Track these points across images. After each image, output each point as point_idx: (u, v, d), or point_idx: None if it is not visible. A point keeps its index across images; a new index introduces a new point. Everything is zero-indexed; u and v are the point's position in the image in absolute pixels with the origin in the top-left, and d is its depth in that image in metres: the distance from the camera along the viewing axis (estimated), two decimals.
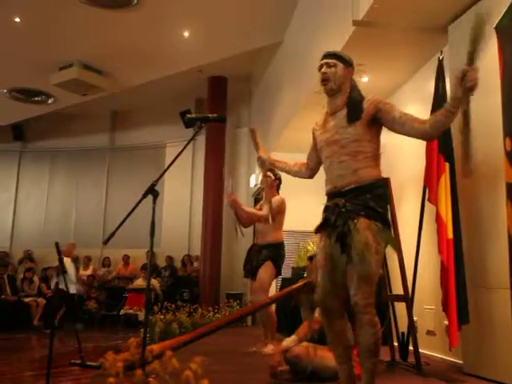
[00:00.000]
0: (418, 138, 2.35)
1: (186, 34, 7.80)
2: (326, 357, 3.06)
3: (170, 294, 8.91)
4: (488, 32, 3.52)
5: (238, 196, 10.20)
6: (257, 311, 4.69)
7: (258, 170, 7.79)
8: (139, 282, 9.15)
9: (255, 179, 9.35)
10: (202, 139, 10.07)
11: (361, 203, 2.24)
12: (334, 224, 2.26)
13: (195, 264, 10.11)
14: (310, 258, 3.99)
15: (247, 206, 5.41)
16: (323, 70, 2.45)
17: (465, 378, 3.41)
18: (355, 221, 2.21)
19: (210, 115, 2.90)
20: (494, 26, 3.19)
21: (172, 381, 1.11)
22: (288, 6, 7.02)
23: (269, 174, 4.76)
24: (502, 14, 3.17)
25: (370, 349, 2.18)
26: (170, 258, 10.32)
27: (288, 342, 3.37)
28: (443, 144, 3.63)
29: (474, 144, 3.55)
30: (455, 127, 3.70)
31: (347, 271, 2.21)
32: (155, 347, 1.43)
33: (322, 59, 2.48)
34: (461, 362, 3.73)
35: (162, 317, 5.49)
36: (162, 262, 10.24)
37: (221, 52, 8.39)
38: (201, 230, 9.82)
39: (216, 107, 9.37)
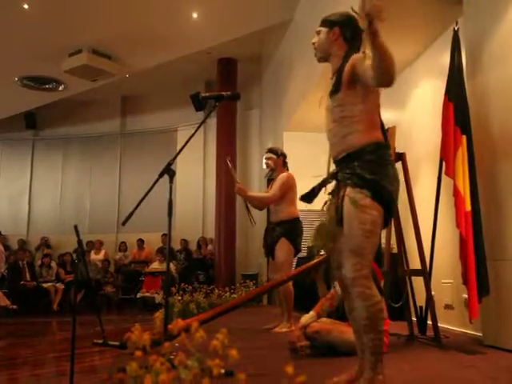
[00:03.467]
0: (378, 83, 2.03)
1: (195, 15, 7.74)
2: (344, 331, 3.09)
3: (185, 277, 8.98)
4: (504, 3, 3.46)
5: (251, 178, 10.30)
6: (274, 288, 4.73)
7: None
8: (155, 266, 9.24)
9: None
10: (213, 122, 10.07)
11: (349, 172, 2.14)
12: (331, 194, 2.25)
13: (209, 246, 10.18)
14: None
15: (254, 192, 5.47)
16: (313, 40, 2.37)
17: (484, 349, 3.41)
18: (342, 191, 2.15)
19: (223, 93, 2.89)
20: None
21: (199, 353, 1.11)
22: None
23: (269, 155, 4.81)
24: None
25: (364, 324, 2.06)
26: (184, 241, 10.41)
27: (306, 318, 3.40)
28: (460, 116, 3.58)
29: (491, 115, 3.53)
30: (471, 99, 3.68)
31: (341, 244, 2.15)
32: (180, 321, 1.44)
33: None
34: (480, 334, 3.74)
35: (179, 298, 5.56)
36: (176, 246, 10.31)
37: (230, 32, 8.31)
38: (214, 212, 9.88)
39: (226, 89, 9.18)
